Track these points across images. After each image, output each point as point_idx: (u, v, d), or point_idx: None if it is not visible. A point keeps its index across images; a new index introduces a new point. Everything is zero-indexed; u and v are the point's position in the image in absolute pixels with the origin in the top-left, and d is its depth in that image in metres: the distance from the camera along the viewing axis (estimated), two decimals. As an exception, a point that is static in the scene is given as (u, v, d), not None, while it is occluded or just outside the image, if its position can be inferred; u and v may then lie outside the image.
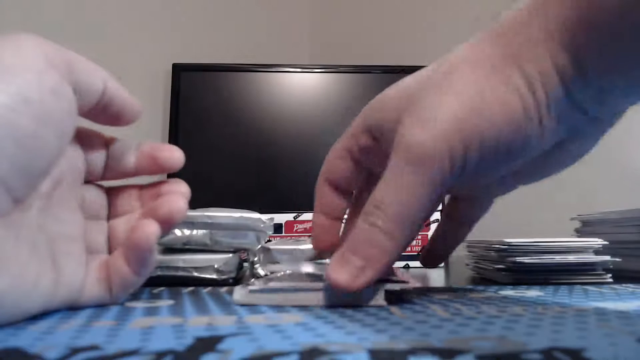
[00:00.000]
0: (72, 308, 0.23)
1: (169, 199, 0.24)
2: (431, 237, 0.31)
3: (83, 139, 0.24)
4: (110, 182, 0.26)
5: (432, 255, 0.31)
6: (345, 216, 0.30)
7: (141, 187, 0.26)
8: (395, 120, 0.22)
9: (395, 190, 0.21)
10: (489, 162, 0.21)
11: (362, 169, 0.27)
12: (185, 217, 0.24)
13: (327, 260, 0.34)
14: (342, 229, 0.30)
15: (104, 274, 0.23)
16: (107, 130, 0.25)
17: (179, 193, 0.25)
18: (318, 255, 0.31)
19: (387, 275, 0.29)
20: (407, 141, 0.21)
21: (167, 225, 0.23)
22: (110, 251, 0.25)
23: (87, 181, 0.25)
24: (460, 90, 0.21)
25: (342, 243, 0.23)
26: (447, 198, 0.31)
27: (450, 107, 0.20)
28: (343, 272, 0.22)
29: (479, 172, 0.21)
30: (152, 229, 0.22)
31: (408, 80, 0.24)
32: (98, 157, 0.25)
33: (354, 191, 0.29)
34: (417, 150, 0.21)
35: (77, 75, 0.21)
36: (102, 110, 0.23)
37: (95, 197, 0.25)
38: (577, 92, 0.20)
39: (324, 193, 0.28)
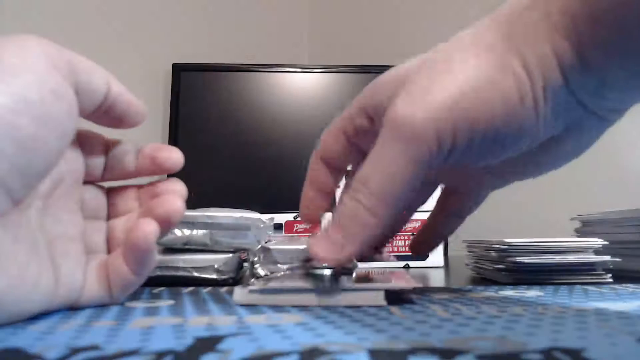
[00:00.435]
0: (72, 308, 0.23)
1: (166, 199, 0.24)
2: (422, 226, 0.31)
3: (83, 140, 0.24)
4: (112, 182, 0.26)
5: (421, 244, 0.31)
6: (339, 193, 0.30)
7: (139, 187, 0.26)
8: (390, 100, 0.22)
9: (380, 168, 0.21)
10: (480, 145, 0.21)
11: (357, 150, 0.27)
12: (183, 216, 0.24)
13: (326, 271, 0.34)
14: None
15: (103, 274, 0.23)
16: (108, 130, 0.25)
17: (175, 192, 0.25)
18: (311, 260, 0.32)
19: (372, 255, 0.29)
20: (395, 117, 0.21)
21: (164, 225, 0.23)
22: (109, 251, 0.25)
23: (87, 182, 0.25)
24: (455, 71, 0.20)
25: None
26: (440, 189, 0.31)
27: (443, 86, 0.20)
28: (324, 245, 0.22)
29: (469, 156, 0.21)
30: (150, 228, 0.22)
31: (406, 64, 0.23)
32: (98, 158, 0.25)
33: (348, 168, 0.29)
34: (404, 127, 0.20)
35: (79, 76, 0.21)
36: (105, 113, 0.23)
37: (95, 198, 0.25)
38: (577, 83, 0.20)
39: (316, 168, 0.28)
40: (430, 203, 0.31)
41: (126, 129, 0.25)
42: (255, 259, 0.38)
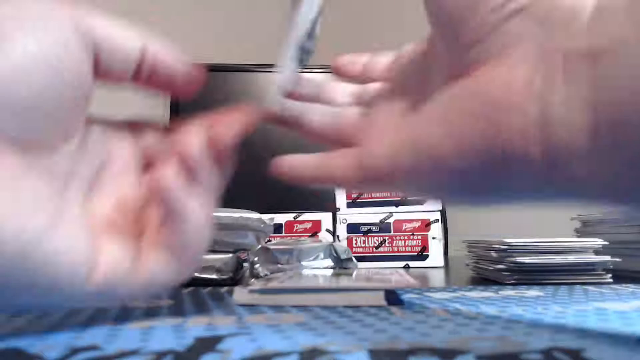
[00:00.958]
0: (74, 308, 0.23)
1: (179, 140, 0.23)
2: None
3: (132, 128, 0.24)
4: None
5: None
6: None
7: None
8: None
9: None
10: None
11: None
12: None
13: (328, 272, 0.33)
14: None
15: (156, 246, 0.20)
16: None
17: (191, 132, 0.24)
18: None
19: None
20: None
21: (184, 165, 0.22)
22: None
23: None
24: None
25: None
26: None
27: None
28: None
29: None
30: (164, 171, 0.21)
31: None
32: (154, 145, 0.24)
33: None
34: None
35: (97, 34, 0.20)
36: (150, 78, 0.22)
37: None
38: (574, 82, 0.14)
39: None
40: (431, 203, 0.31)
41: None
42: (255, 259, 0.38)
